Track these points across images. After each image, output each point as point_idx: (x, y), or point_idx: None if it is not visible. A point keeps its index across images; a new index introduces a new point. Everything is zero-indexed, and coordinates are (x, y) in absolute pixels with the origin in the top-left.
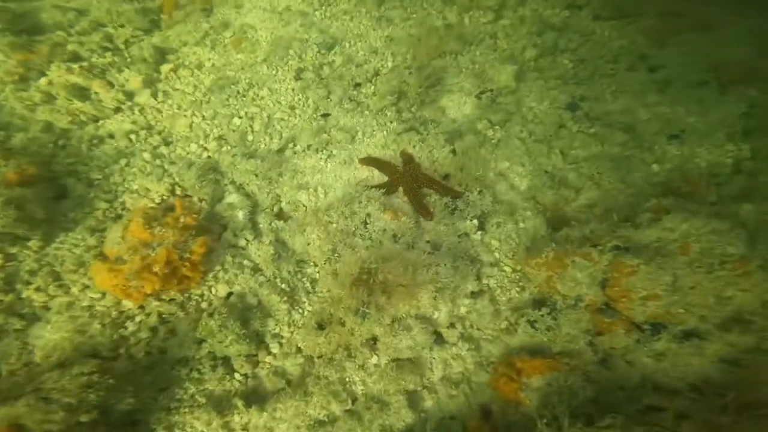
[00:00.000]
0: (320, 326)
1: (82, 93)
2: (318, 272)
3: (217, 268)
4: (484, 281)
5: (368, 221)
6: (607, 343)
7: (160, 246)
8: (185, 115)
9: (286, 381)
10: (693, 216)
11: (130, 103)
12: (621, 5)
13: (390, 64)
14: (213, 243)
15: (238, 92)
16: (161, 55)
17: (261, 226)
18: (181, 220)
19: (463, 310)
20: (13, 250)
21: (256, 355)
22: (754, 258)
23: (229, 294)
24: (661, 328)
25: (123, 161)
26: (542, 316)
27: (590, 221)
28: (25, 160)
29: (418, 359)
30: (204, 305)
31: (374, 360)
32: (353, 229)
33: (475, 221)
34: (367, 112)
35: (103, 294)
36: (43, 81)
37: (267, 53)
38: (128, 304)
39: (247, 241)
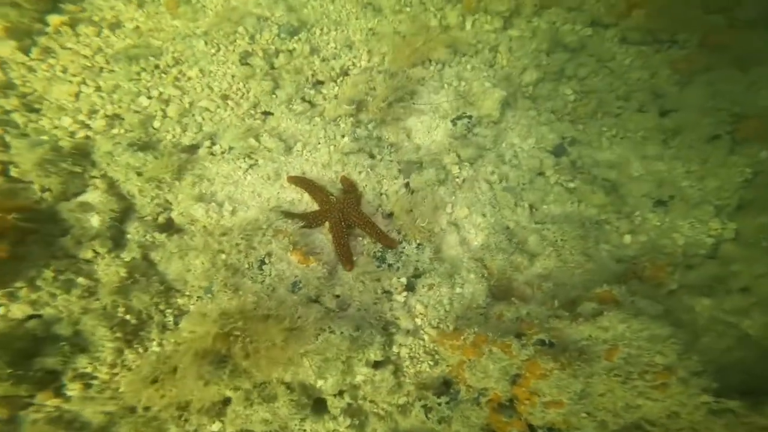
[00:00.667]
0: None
1: None
2: (191, 306)
3: (19, 285)
4: (395, 349)
5: (267, 261)
6: None
7: None
8: (71, 81)
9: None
10: (633, 317)
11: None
12: (657, 28)
13: (364, 63)
14: (33, 249)
15: (157, 66)
16: (54, 1)
17: (129, 236)
18: None
19: (359, 378)
20: None
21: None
22: (679, 369)
23: (29, 317)
24: None
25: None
26: (440, 404)
27: (531, 300)
28: None
29: None
30: None
31: (215, 427)
32: (246, 267)
33: (404, 279)
34: (318, 119)
35: None
36: None
37: (211, 25)
38: None
39: (96, 253)
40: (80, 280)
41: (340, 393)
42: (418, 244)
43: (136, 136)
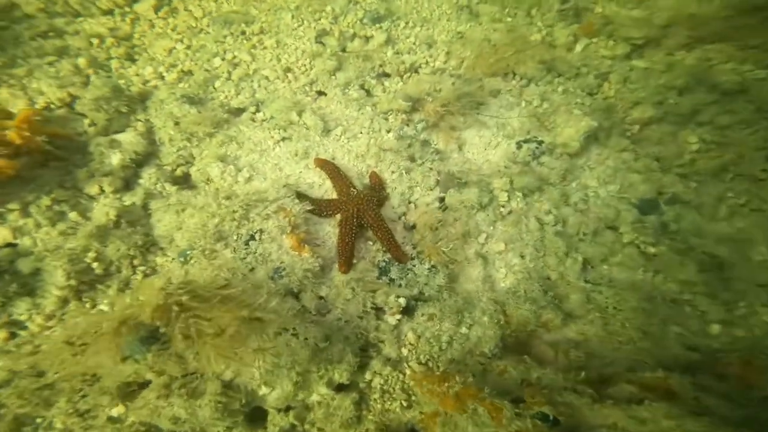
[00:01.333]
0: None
1: None
2: (163, 268)
3: (13, 207)
4: (367, 376)
5: (256, 238)
6: None
7: None
8: (172, 39)
9: None
10: (691, 415)
11: (127, 9)
12: None
13: (438, 64)
14: (46, 174)
15: (243, 32)
16: None
17: (141, 181)
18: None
19: (313, 398)
20: None
21: None
22: None
23: (6, 245)
24: None
25: (52, 58)
26: None
27: (551, 364)
28: None
29: None
30: None
31: (115, 411)
32: (234, 238)
33: (403, 300)
34: (368, 109)
35: None
36: None
37: (303, 2)
38: None
39: (102, 191)
40: (72, 215)
41: (286, 409)
42: (432, 266)
43: (193, 91)
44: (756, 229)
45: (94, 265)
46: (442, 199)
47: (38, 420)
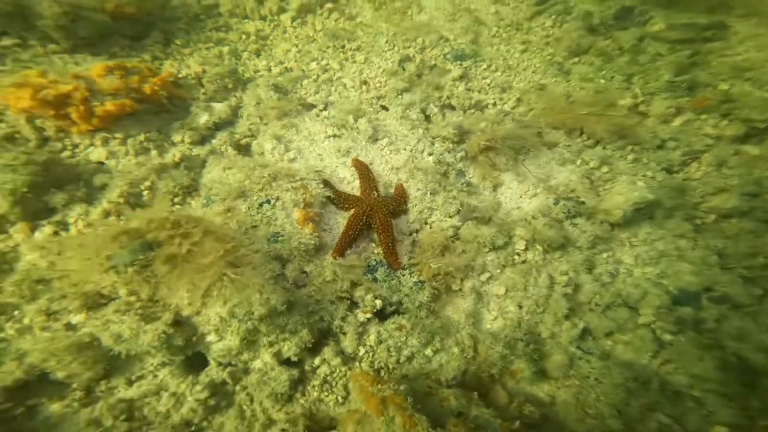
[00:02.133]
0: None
1: None
2: (196, 207)
3: (118, 135)
4: (316, 361)
5: (270, 202)
6: None
7: (77, 80)
8: (291, 43)
9: None
10: None
11: (275, 17)
12: None
13: (505, 107)
14: (153, 120)
15: (343, 47)
16: None
17: (213, 141)
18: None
19: (255, 363)
20: None
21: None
22: None
23: (99, 162)
24: None
25: (210, 44)
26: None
27: (499, 409)
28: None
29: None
30: (64, 150)
31: (76, 319)
32: (253, 197)
33: (379, 302)
34: (420, 131)
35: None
36: None
37: (401, 30)
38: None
39: (182, 140)
40: (153, 153)
41: (226, 365)
42: (420, 282)
43: (283, 83)
44: None
45: (145, 192)
46: (456, 229)
47: (16, 312)
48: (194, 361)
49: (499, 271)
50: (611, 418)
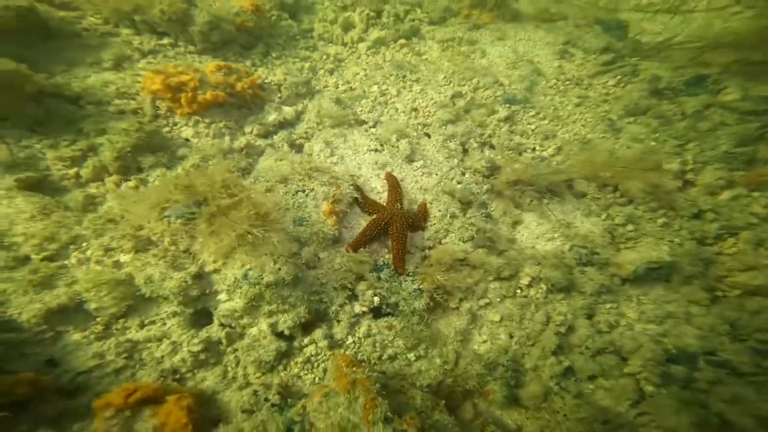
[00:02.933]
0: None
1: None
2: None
3: (206, 120)
4: (305, 341)
5: (305, 191)
6: None
7: (196, 73)
8: (360, 67)
9: None
10: None
11: (354, 45)
12: None
13: (544, 153)
14: (233, 112)
15: (404, 77)
16: (414, 33)
17: (274, 137)
18: (235, 83)
19: (251, 330)
20: None
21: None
22: None
23: (186, 139)
24: None
25: (296, 59)
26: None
27: (460, 420)
28: None
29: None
30: (166, 126)
31: (123, 258)
32: (292, 185)
33: (377, 299)
34: (455, 161)
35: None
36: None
37: (459, 69)
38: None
39: (251, 131)
40: (227, 138)
41: (226, 326)
42: (419, 290)
43: (345, 99)
44: None
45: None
46: (468, 254)
47: (84, 244)
48: (200, 317)
49: (498, 300)
50: None
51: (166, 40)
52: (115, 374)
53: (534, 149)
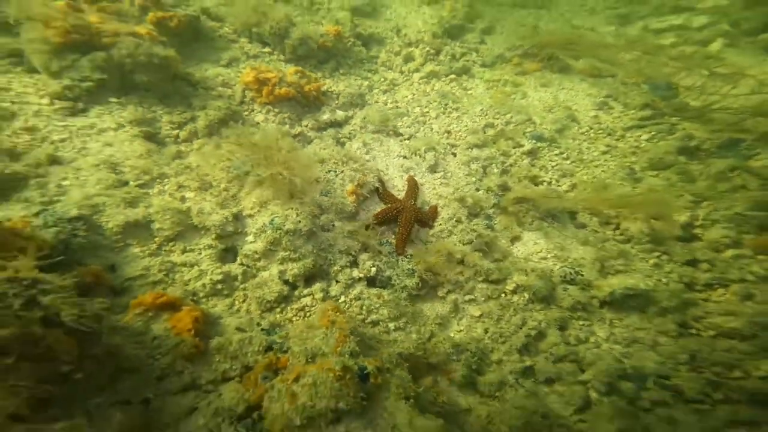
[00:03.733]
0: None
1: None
2: None
3: (275, 110)
4: (304, 291)
5: (336, 173)
6: None
7: (279, 73)
8: (410, 90)
9: None
10: None
11: (412, 74)
12: None
13: (558, 187)
14: (296, 107)
15: (446, 105)
16: (466, 71)
17: (323, 132)
18: (305, 85)
19: (264, 273)
20: None
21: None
22: None
23: (257, 123)
24: None
25: (358, 78)
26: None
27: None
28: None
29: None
30: (246, 110)
31: (188, 194)
32: (327, 165)
33: (374, 270)
34: (474, 179)
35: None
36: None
37: (496, 105)
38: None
39: (306, 125)
40: (287, 125)
41: (245, 265)
42: (412, 270)
43: (389, 113)
44: None
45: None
46: (464, 255)
47: (165, 180)
48: (227, 255)
49: (483, 299)
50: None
51: (266, 49)
52: (152, 286)
53: (549, 182)
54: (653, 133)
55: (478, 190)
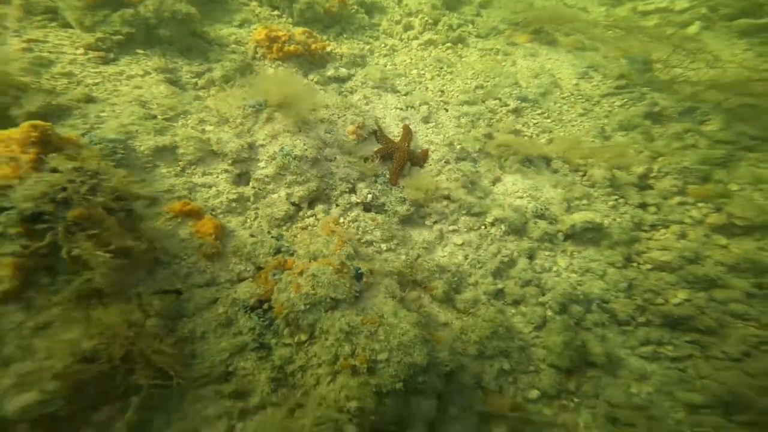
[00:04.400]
0: None
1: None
2: None
3: (284, 66)
4: (308, 213)
5: (339, 116)
6: None
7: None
8: (407, 56)
9: None
10: None
11: (408, 42)
12: None
13: (540, 141)
14: (303, 63)
15: (441, 69)
16: (461, 41)
17: (328, 87)
18: (311, 44)
19: (273, 195)
20: None
21: None
22: None
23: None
24: None
25: (360, 42)
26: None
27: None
28: None
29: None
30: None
31: (208, 128)
32: (331, 110)
33: (370, 197)
34: (462, 130)
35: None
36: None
37: (486, 70)
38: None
39: (312, 79)
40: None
41: (257, 189)
42: (403, 198)
43: (387, 73)
44: None
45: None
46: (451, 191)
47: (188, 115)
48: (241, 179)
49: (465, 229)
50: (472, 345)
51: (276, 12)
52: (177, 200)
53: (531, 137)
54: (625, 100)
55: (467, 139)
